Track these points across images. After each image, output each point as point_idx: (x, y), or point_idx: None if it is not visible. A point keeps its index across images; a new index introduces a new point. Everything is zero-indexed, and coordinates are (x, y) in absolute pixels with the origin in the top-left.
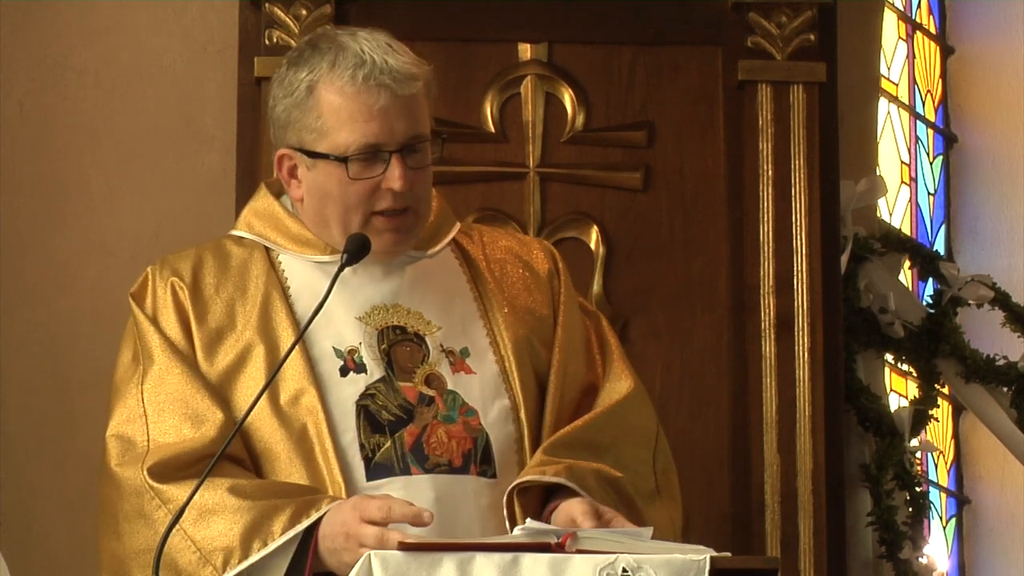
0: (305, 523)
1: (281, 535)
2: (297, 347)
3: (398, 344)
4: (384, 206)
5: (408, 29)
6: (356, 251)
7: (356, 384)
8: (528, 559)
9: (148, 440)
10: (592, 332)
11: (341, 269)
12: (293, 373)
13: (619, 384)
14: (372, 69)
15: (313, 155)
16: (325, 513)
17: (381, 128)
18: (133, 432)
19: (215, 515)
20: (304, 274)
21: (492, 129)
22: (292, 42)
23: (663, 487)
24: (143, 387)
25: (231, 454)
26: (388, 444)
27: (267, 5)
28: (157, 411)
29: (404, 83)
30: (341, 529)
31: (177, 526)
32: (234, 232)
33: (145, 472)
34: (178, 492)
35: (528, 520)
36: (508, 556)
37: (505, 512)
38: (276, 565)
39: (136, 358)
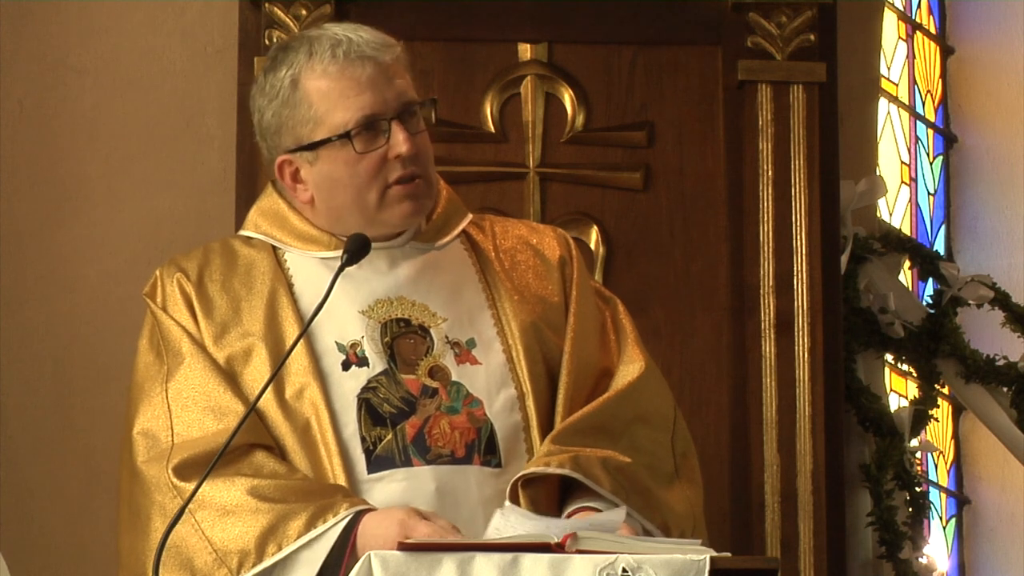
0: (321, 528)
1: (296, 539)
2: (301, 342)
3: (401, 337)
4: (395, 176)
5: (408, 29)
6: (356, 251)
7: (358, 378)
8: (528, 559)
9: (172, 435)
10: (608, 317)
11: (341, 269)
12: (297, 368)
13: (631, 367)
14: (350, 45)
15: (314, 146)
16: (345, 518)
17: (374, 98)
18: (158, 429)
19: (233, 516)
20: (309, 271)
21: (492, 129)
22: None
23: (682, 469)
24: (168, 385)
25: (262, 443)
26: (389, 436)
27: (267, 5)
28: (181, 406)
29: (383, 49)
30: (391, 518)
31: (196, 524)
32: (242, 232)
33: (170, 471)
34: (201, 492)
35: (507, 503)
36: (508, 556)
37: (508, 504)
38: (307, 563)
39: (160, 356)
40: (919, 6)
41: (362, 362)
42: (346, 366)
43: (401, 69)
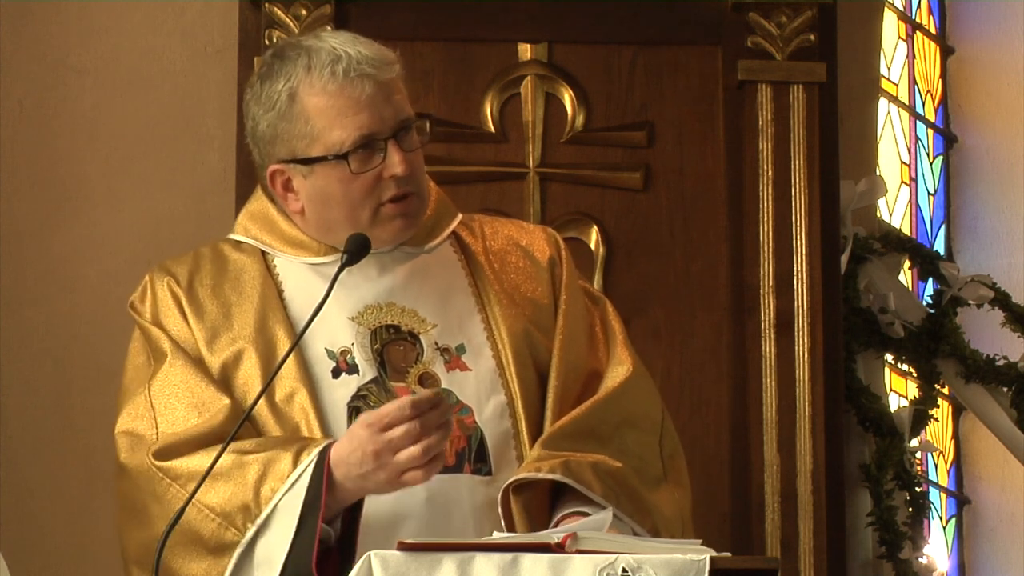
0: (308, 457)
1: (287, 478)
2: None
3: (391, 344)
4: (389, 195)
5: (408, 29)
6: (356, 251)
7: (348, 386)
8: (528, 559)
9: (156, 433)
10: (596, 318)
11: (341, 270)
12: (287, 373)
13: (619, 369)
14: (350, 62)
15: (308, 161)
16: (328, 445)
17: (371, 117)
18: (141, 427)
19: (223, 478)
20: (299, 276)
21: (492, 129)
22: None
23: (670, 472)
24: (151, 383)
25: (240, 438)
26: None
27: (267, 5)
28: (164, 404)
29: (383, 68)
30: (359, 447)
31: (192, 500)
32: (232, 236)
33: (150, 456)
34: (185, 464)
35: (495, 533)
36: (508, 556)
37: (500, 511)
38: (288, 509)
39: (148, 362)
40: (919, 6)
41: (352, 369)
42: (336, 373)
43: (399, 85)
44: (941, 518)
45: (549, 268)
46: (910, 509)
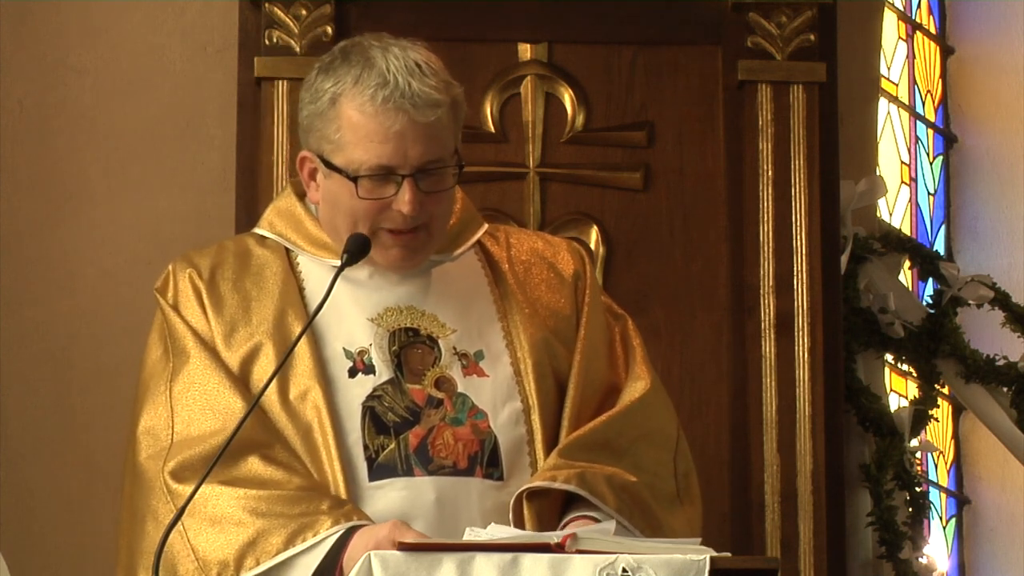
0: (300, 546)
1: (275, 555)
2: (308, 347)
3: (409, 346)
4: (392, 226)
5: (408, 29)
6: (356, 251)
7: (364, 385)
8: (528, 559)
9: (172, 433)
10: (617, 334)
11: (341, 269)
12: (303, 371)
13: (637, 384)
14: (393, 91)
15: (329, 166)
16: (335, 533)
17: (395, 151)
18: (159, 428)
19: (219, 526)
20: (320, 276)
21: (492, 129)
22: (292, 42)
23: (683, 491)
24: (172, 384)
25: (255, 440)
26: (392, 445)
27: (267, 5)
28: (183, 405)
29: (423, 109)
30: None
31: (183, 531)
32: (257, 230)
33: (166, 474)
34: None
35: (492, 524)
36: (508, 556)
37: (511, 516)
38: (302, 567)
39: (166, 354)
40: (919, 6)
41: (368, 370)
42: (352, 373)
43: (440, 127)
44: (941, 518)
45: (573, 281)
46: (910, 509)
